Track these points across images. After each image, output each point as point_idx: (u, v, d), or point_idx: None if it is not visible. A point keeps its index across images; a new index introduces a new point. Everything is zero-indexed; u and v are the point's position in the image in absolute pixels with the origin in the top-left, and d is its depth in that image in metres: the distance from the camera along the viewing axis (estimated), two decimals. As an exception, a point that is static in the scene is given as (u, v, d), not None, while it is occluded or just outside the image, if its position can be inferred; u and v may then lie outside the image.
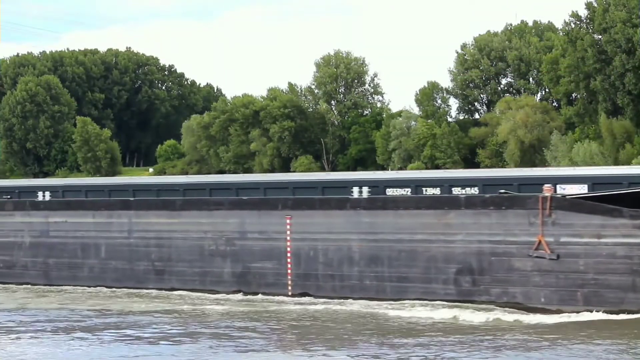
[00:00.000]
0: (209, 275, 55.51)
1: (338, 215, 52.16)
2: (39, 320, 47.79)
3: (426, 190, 50.93)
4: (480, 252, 48.55)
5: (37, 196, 60.92)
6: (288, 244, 53.22)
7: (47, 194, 60.75)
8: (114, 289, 57.54)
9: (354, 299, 51.43)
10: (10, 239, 61.24)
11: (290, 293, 53.18)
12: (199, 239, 55.72)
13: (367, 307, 49.62)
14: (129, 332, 44.58)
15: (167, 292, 56.04)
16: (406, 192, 51.27)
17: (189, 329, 45.28)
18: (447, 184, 50.52)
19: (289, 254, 53.21)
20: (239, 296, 53.76)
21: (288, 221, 53.31)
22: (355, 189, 52.11)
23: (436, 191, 50.66)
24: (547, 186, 47.67)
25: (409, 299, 50.29)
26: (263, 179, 57.60)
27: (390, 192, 51.65)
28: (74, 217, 59.47)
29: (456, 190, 50.16)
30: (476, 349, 39.09)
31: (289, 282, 53.20)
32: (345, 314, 48.06)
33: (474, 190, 49.73)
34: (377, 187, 52.02)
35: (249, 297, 53.59)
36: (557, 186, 48.21)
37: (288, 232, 53.29)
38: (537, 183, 48.25)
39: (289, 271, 53.19)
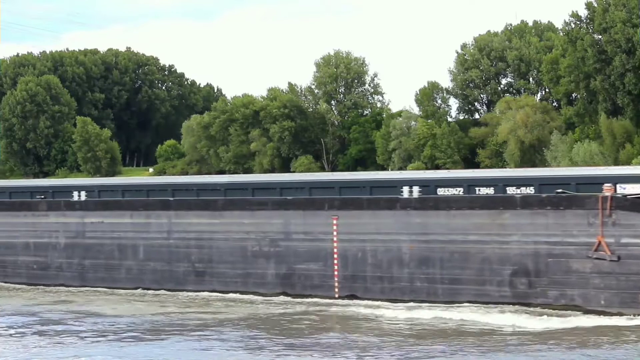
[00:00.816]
0: (251, 277, 53.53)
1: (387, 215, 50.30)
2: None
3: (479, 190, 49.10)
4: (537, 254, 46.82)
5: (72, 196, 58.61)
6: (334, 244, 51.34)
7: (83, 193, 58.51)
8: (154, 291, 55.38)
9: (404, 301, 49.47)
10: (44, 239, 59.06)
11: (337, 295, 51.30)
12: (242, 240, 53.72)
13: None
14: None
15: (209, 294, 53.89)
16: (458, 191, 49.42)
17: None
18: (501, 184, 48.73)
19: (335, 255, 51.33)
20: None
21: (335, 221, 51.45)
22: (406, 189, 50.24)
23: (490, 191, 48.85)
24: (607, 185, 46.00)
25: (461, 302, 48.34)
26: (308, 179, 55.53)
27: (441, 191, 49.76)
28: (111, 217, 57.37)
29: (511, 190, 48.31)
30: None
31: (336, 284, 51.32)
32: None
33: (530, 190, 47.98)
34: (428, 186, 50.18)
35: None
36: (617, 186, 46.50)
37: (335, 233, 51.44)
38: (596, 182, 46.58)
39: (336, 273, 51.31)
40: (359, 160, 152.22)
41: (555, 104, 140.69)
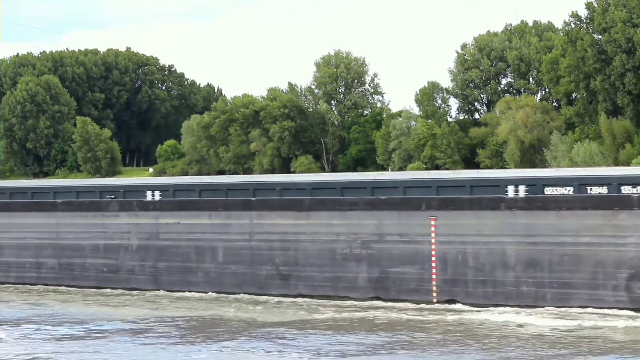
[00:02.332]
0: (341, 281, 49.82)
1: (491, 216, 46.90)
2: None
3: (591, 189, 45.76)
4: (656, 257, 43.61)
5: (146, 196, 54.50)
6: (432, 247, 47.86)
7: (157, 193, 54.41)
8: (235, 295, 51.55)
9: (510, 306, 46.11)
10: (115, 241, 54.94)
11: (435, 300, 47.78)
12: (330, 242, 50.00)
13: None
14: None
15: (293, 298, 50.20)
16: (568, 191, 46.09)
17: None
18: (615, 182, 45.45)
19: (433, 258, 47.85)
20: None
21: (433, 222, 47.96)
22: (511, 188, 46.84)
23: (603, 190, 45.56)
24: None
25: (572, 307, 45.06)
26: (403, 177, 51.82)
27: (549, 191, 46.43)
28: (188, 218, 53.37)
29: (626, 189, 45.08)
30: None
31: (434, 288, 47.82)
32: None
33: None
34: (535, 185, 46.79)
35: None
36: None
37: (433, 234, 47.92)
38: None
39: (434, 276, 47.80)
40: (359, 160, 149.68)
41: (555, 104, 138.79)
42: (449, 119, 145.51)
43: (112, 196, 55.12)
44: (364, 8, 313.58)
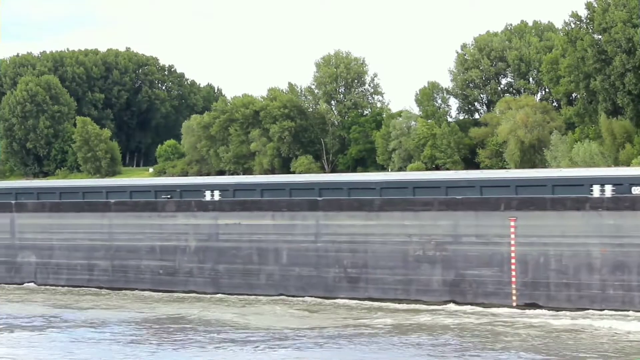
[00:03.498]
0: (414, 284, 47.13)
1: (575, 216, 44.38)
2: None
3: None
4: None
5: (204, 196, 51.52)
6: (512, 248, 45.31)
7: (216, 193, 51.42)
8: (299, 298, 48.71)
9: (595, 310, 43.59)
10: (172, 242, 51.92)
11: (514, 303, 45.19)
12: (402, 243, 47.29)
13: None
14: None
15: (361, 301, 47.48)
16: None
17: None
18: None
19: (513, 260, 45.29)
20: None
21: (512, 223, 45.40)
22: (596, 187, 44.33)
23: None
24: None
25: (663, 311, 42.64)
26: (480, 177, 49.09)
27: (637, 190, 44.00)
28: (250, 218, 50.42)
29: None
30: None
31: (513, 291, 45.26)
32: None
33: None
34: (621, 184, 44.32)
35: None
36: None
37: (512, 236, 45.35)
38: None
39: (513, 279, 45.23)
40: (359, 160, 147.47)
41: (555, 104, 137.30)
42: (449, 119, 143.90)
43: (169, 196, 52.15)
44: (364, 8, 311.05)
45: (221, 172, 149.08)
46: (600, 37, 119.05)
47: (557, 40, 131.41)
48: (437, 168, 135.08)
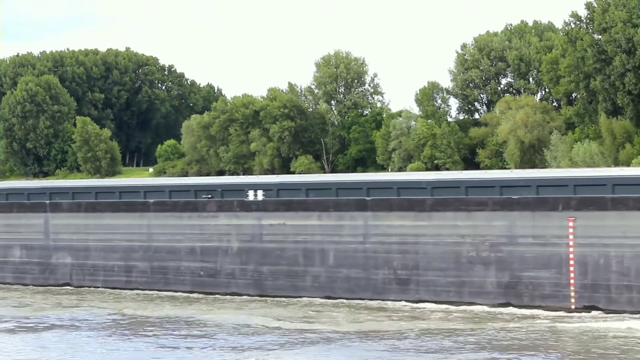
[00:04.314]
0: (467, 286, 45.39)
1: (637, 216, 42.80)
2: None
3: None
4: None
5: (247, 195, 49.60)
6: (570, 249, 43.65)
7: (260, 192, 49.50)
8: (347, 301, 46.93)
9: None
10: (213, 243, 50.01)
11: (573, 306, 43.55)
12: (455, 244, 45.58)
13: None
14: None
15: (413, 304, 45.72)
16: None
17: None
18: None
19: (571, 262, 43.61)
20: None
21: (571, 224, 43.76)
22: None
23: None
24: None
25: None
26: (536, 176, 47.36)
27: None
28: (295, 219, 48.58)
29: None
30: None
31: (572, 294, 43.59)
32: None
33: None
34: None
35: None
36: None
37: (570, 237, 43.69)
38: None
39: (572, 281, 43.58)
40: (359, 160, 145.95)
41: (555, 104, 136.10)
42: (449, 119, 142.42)
43: (209, 195, 50.24)
44: (364, 8, 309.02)
45: (221, 172, 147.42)
46: (600, 37, 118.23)
47: (557, 40, 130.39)
48: (437, 168, 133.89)
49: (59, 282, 53.28)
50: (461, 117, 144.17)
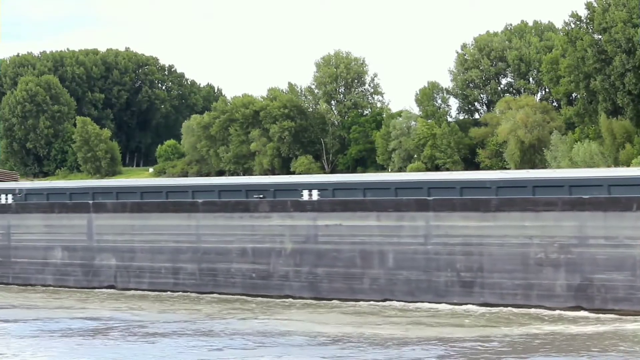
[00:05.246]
0: (535, 289, 43.00)
1: None
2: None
3: None
4: None
5: (302, 195, 47.19)
6: (645, 251, 41.45)
7: (315, 192, 47.03)
8: (408, 304, 44.61)
9: None
10: (265, 245, 47.47)
11: (647, 310, 41.36)
12: (522, 245, 43.20)
13: None
14: None
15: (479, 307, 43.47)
16: None
17: None
18: None
19: (646, 264, 41.45)
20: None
21: (645, 224, 41.54)
22: None
23: None
24: None
25: None
26: (607, 175, 45.14)
27: None
28: (352, 219, 46.09)
29: None
30: None
31: (646, 297, 41.39)
32: None
33: None
34: None
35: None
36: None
37: (645, 238, 41.52)
38: None
39: (646, 284, 41.40)
40: (359, 160, 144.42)
41: (555, 104, 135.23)
42: (449, 119, 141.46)
43: (261, 195, 47.83)
44: (364, 8, 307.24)
45: (221, 172, 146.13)
46: (600, 37, 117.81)
47: (557, 40, 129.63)
48: (437, 168, 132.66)
49: (103, 284, 50.75)
50: (461, 117, 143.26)
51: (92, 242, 51.23)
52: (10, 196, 53.67)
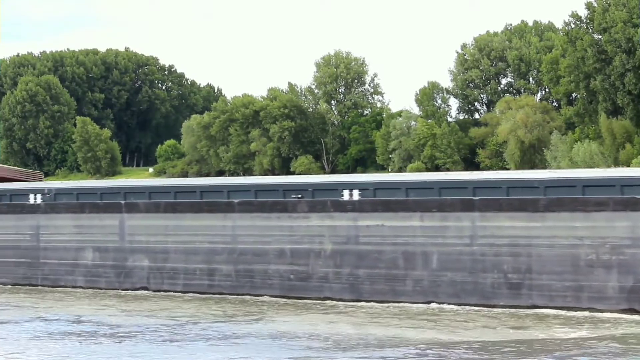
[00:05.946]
0: (585, 290, 41.50)
1: None
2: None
3: None
4: None
5: (342, 195, 45.58)
6: (701, 251, 40.02)
7: (356, 192, 45.41)
8: (452, 306, 43.03)
9: None
10: (304, 245, 45.75)
11: (703, 312, 39.95)
12: (572, 247, 41.60)
13: None
14: None
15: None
16: None
17: None
18: None
19: (702, 264, 40.01)
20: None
21: (702, 224, 40.09)
22: None
23: None
24: None
25: None
26: None
27: None
28: (394, 219, 44.41)
29: None
30: None
31: (703, 299, 39.96)
32: None
33: None
34: None
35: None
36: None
37: (701, 238, 40.08)
38: None
39: (703, 285, 39.97)
40: (359, 160, 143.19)
41: (555, 104, 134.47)
42: (449, 119, 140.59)
43: (299, 195, 46.18)
44: (364, 8, 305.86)
45: (221, 172, 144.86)
46: (600, 37, 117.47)
47: (557, 40, 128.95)
48: (437, 168, 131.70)
49: (136, 285, 49.01)
50: (461, 117, 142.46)
51: (124, 243, 49.54)
52: (39, 196, 51.86)
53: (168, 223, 48.58)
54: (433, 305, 43.37)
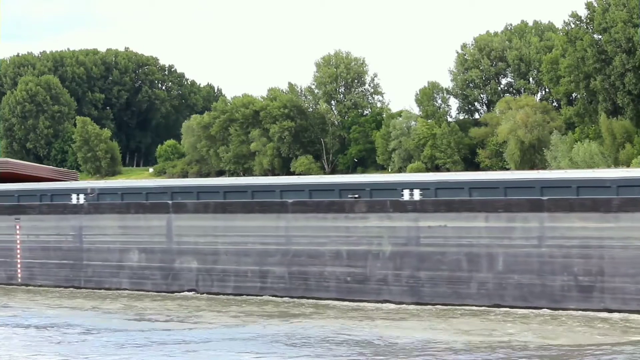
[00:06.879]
0: (660, 292, 39.48)
1: None
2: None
3: None
4: None
5: (402, 195, 43.17)
6: None
7: (416, 192, 43.00)
8: (519, 310, 40.84)
9: None
10: (362, 247, 43.24)
11: None
12: (647, 248, 39.62)
13: None
14: None
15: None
16: None
17: None
18: None
19: None
20: None
21: None
22: None
23: None
24: None
25: None
26: None
27: None
28: (457, 220, 41.99)
29: None
30: None
31: None
32: None
33: None
34: None
35: None
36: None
37: None
38: None
39: None
40: (359, 160, 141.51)
41: (555, 104, 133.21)
42: (449, 119, 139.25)
43: (357, 195, 43.74)
44: (364, 8, 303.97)
45: (221, 172, 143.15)
46: (600, 37, 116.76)
47: (557, 40, 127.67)
48: (437, 168, 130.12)
49: (184, 288, 46.45)
50: (461, 117, 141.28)
51: (171, 244, 46.98)
52: (82, 196, 49.26)
53: (218, 224, 46.11)
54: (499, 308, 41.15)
